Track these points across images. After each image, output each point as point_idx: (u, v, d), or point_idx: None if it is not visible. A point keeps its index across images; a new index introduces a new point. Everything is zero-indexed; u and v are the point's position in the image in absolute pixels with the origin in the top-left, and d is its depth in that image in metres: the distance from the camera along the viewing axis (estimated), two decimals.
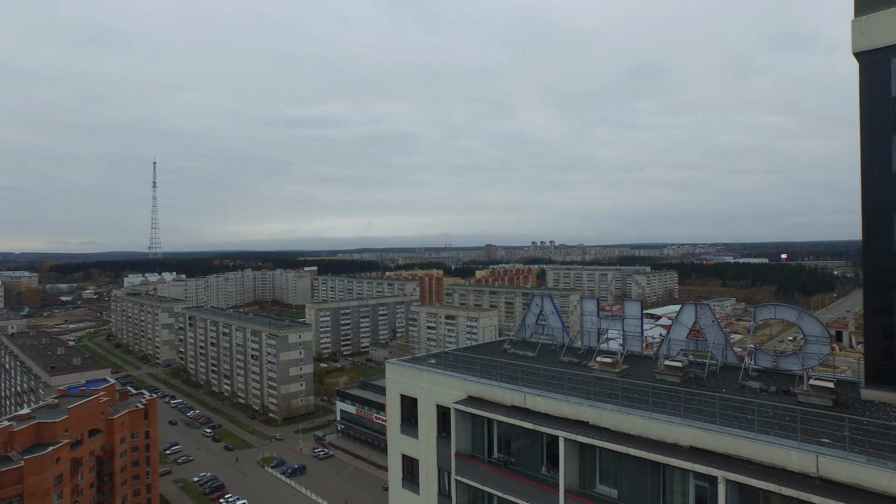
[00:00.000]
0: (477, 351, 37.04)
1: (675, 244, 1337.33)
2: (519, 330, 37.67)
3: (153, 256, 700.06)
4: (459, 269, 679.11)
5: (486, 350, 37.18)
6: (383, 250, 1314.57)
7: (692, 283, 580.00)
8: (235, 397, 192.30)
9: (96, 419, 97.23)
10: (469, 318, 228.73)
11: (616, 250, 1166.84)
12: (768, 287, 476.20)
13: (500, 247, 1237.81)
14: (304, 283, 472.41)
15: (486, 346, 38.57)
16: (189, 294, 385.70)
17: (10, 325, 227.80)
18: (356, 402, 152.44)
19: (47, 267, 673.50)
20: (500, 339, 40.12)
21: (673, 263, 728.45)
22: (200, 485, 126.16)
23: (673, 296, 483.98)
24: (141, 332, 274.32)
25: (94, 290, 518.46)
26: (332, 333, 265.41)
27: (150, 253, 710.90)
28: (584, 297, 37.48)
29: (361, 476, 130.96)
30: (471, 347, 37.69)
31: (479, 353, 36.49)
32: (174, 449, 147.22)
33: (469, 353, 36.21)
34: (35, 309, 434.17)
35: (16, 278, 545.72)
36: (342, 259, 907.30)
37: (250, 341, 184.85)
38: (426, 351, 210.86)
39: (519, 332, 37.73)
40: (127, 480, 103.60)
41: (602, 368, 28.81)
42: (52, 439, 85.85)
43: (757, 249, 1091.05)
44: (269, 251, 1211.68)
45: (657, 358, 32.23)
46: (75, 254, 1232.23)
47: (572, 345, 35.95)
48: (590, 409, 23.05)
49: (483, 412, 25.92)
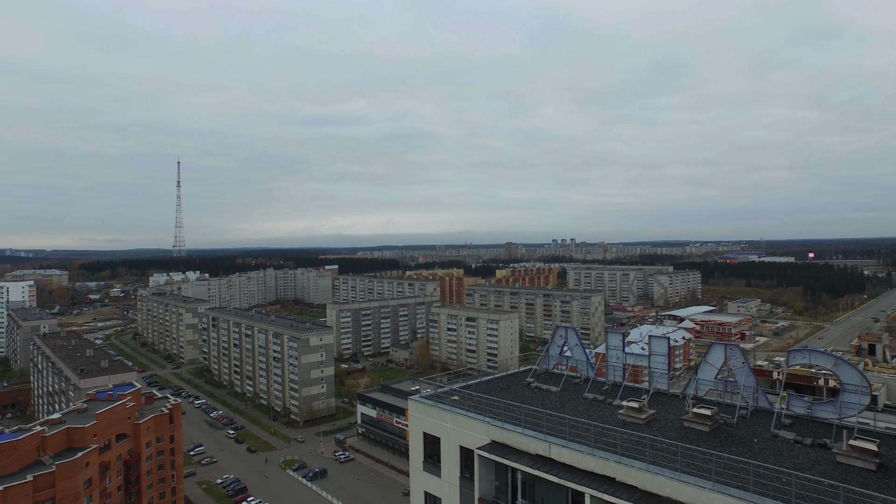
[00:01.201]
0: (500, 384, 36.61)
1: (698, 242, 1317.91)
2: (542, 361, 37.23)
3: (178, 254, 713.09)
4: (480, 267, 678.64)
5: (510, 382, 36.76)
6: (404, 248, 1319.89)
7: (715, 282, 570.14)
8: (257, 398, 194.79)
9: (123, 424, 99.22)
10: (490, 320, 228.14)
11: (637, 248, 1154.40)
12: (795, 288, 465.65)
13: (521, 244, 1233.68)
14: (325, 283, 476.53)
15: (509, 378, 38.11)
16: (212, 293, 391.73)
17: (43, 324, 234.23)
18: (377, 406, 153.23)
19: (76, 265, 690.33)
20: (524, 370, 39.55)
21: (696, 262, 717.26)
22: (223, 487, 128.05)
23: (696, 296, 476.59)
24: (166, 331, 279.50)
25: (120, 289, 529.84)
26: (352, 334, 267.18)
27: (175, 251, 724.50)
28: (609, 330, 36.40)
29: (382, 481, 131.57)
30: (494, 380, 37.22)
31: (502, 385, 36.11)
32: (198, 450, 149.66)
33: (492, 386, 35.88)
34: (65, 307, 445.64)
35: (47, 276, 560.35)
36: (363, 257, 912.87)
37: (272, 343, 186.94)
38: (446, 354, 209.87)
39: (542, 362, 37.28)
40: (153, 483, 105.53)
41: (628, 414, 28.24)
42: (81, 444, 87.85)
43: (782, 247, 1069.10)
44: (290, 248, 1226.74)
45: (684, 398, 31.49)
46: (103, 251, 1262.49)
47: (596, 379, 35.38)
48: (616, 465, 22.57)
49: (507, 461, 25.60)
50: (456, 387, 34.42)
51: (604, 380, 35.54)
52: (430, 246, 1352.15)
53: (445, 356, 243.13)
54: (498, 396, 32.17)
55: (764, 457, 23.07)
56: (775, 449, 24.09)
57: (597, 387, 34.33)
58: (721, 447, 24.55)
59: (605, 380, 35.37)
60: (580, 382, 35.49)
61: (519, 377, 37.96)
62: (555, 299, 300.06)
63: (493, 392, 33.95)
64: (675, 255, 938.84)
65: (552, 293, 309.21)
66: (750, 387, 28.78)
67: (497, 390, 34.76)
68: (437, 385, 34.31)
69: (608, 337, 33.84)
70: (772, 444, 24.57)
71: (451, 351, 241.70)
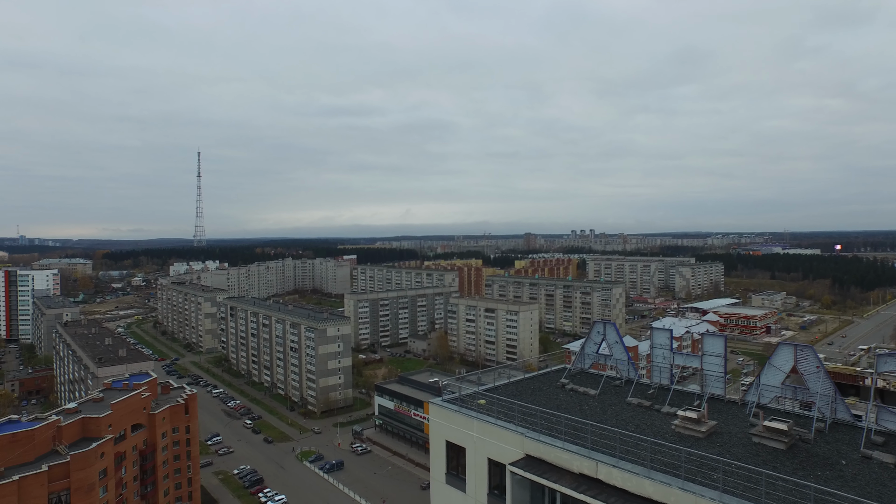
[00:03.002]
0: (531, 385, 32.90)
1: (720, 233, 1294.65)
2: (577, 359, 33.37)
3: (198, 244, 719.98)
4: (498, 258, 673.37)
5: (542, 384, 32.99)
6: (422, 238, 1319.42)
7: (738, 275, 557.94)
8: (275, 388, 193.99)
9: (138, 414, 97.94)
10: (509, 311, 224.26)
11: (658, 239, 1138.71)
12: (822, 281, 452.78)
13: (540, 235, 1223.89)
14: (343, 273, 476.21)
15: (541, 379, 34.35)
16: (231, 283, 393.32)
17: (65, 312, 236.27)
18: (394, 398, 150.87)
19: (100, 254, 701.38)
20: (557, 369, 35.68)
21: (718, 254, 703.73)
22: (240, 478, 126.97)
23: (718, 288, 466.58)
24: (185, 320, 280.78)
25: (142, 278, 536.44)
26: (370, 324, 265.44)
27: (195, 240, 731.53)
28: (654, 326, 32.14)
29: (399, 474, 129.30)
30: (524, 381, 33.49)
31: (533, 387, 32.41)
32: (215, 440, 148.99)
33: (523, 388, 32.18)
34: (89, 295, 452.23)
35: (72, 265, 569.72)
36: (381, 247, 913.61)
37: (289, 333, 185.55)
38: (465, 346, 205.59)
39: (577, 361, 33.43)
40: (169, 474, 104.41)
41: (685, 426, 24.45)
42: (96, 434, 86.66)
43: (807, 239, 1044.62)
44: (309, 238, 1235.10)
45: (745, 405, 27.57)
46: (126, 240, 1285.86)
47: (639, 380, 31.54)
48: (681, 493, 18.87)
49: (546, 481, 22.03)
50: (482, 389, 30.82)
51: (648, 381, 31.66)
52: (448, 236, 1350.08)
53: (464, 347, 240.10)
54: (530, 401, 28.52)
55: (861, 486, 19.16)
56: (872, 476, 20.09)
57: (641, 390, 30.49)
58: (803, 470, 20.69)
59: (649, 382, 31.47)
60: (621, 385, 31.63)
61: (551, 378, 34.16)
62: (575, 290, 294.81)
63: (524, 395, 30.27)
64: (696, 247, 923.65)
65: (572, 284, 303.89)
66: (827, 396, 24.75)
67: (528, 393, 31.05)
68: (459, 384, 30.74)
69: (654, 334, 29.90)
70: (866, 469, 20.56)
71: (470, 342, 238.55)
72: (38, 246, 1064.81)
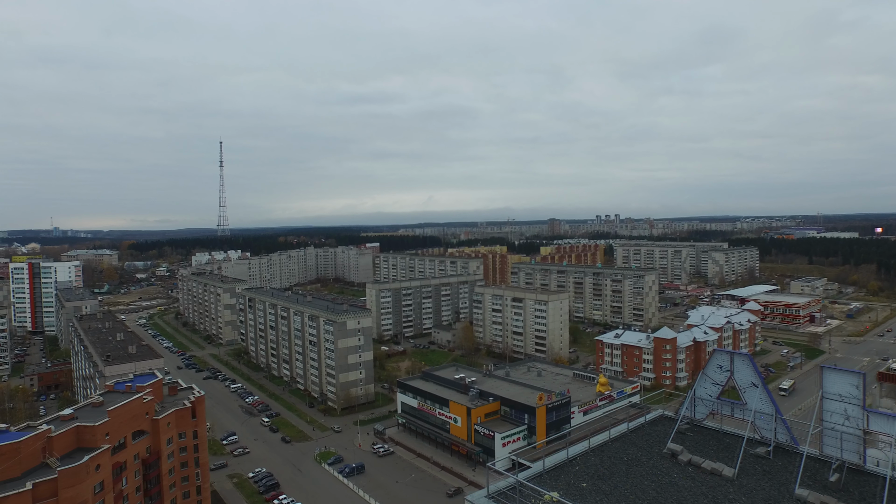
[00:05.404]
0: (617, 450, 21.93)
1: (749, 217, 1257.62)
2: (686, 405, 22.34)
3: (221, 234, 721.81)
4: (523, 244, 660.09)
5: (636, 448, 21.71)
6: (445, 225, 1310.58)
7: (773, 260, 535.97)
8: (294, 383, 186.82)
9: (140, 420, 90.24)
10: (537, 300, 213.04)
11: (685, 224, 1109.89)
12: (866, 266, 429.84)
13: (564, 220, 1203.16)
14: (365, 261, 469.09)
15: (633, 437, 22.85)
16: (253, 272, 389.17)
17: (84, 304, 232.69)
18: (418, 395, 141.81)
19: (126, 245, 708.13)
20: (653, 417, 24.42)
21: (750, 238, 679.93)
22: (255, 482, 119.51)
23: (753, 274, 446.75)
24: (205, 311, 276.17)
25: (166, 268, 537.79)
26: (393, 315, 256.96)
27: (219, 230, 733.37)
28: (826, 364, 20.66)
29: (424, 479, 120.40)
30: (612, 444, 22.15)
31: (629, 457, 21.33)
32: (231, 439, 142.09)
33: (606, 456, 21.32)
34: (114, 286, 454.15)
35: (98, 256, 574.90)
36: (404, 234, 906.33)
37: (308, 326, 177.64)
38: (491, 336, 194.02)
39: (686, 408, 22.40)
40: (175, 482, 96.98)
41: None
42: (92, 444, 79.24)
43: (843, 222, 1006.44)
44: (332, 226, 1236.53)
45: None
46: (153, 231, 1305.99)
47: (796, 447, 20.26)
48: None
49: None
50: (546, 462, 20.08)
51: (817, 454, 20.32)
52: (471, 223, 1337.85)
53: (490, 338, 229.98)
54: (627, 490, 17.78)
55: None
56: None
57: (813, 470, 19.17)
58: None
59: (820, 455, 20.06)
60: (768, 455, 20.34)
61: (648, 436, 22.91)
62: (605, 278, 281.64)
63: (615, 475, 19.41)
64: (725, 231, 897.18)
65: (602, 271, 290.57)
66: None
67: (621, 469, 20.03)
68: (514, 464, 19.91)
69: (827, 377, 18.85)
70: None
71: (497, 333, 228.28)
72: (70, 237, 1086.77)
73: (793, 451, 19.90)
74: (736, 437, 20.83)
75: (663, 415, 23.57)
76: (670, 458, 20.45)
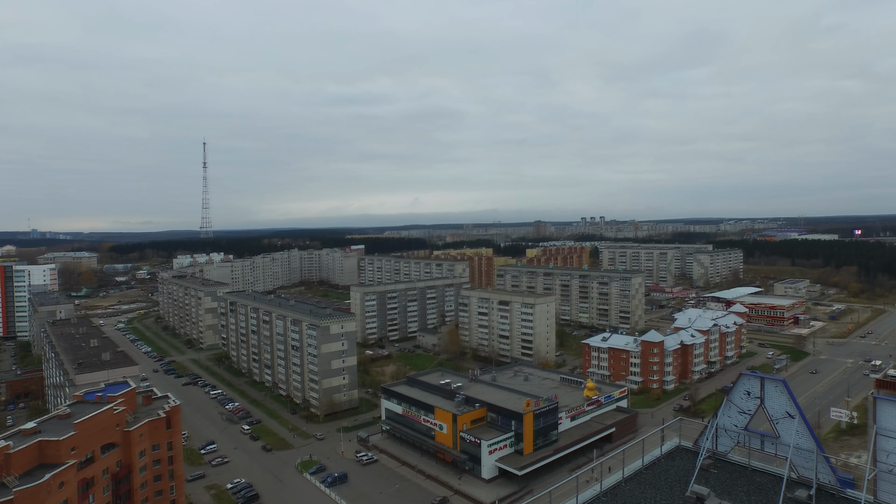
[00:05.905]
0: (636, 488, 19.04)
1: (733, 219, 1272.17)
2: (707, 434, 19.41)
3: (204, 236, 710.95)
4: (509, 247, 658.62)
5: (657, 487, 18.87)
6: (431, 227, 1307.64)
7: (756, 261, 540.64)
8: (276, 389, 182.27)
9: (111, 432, 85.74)
10: (524, 304, 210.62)
11: (669, 226, 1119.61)
12: (847, 268, 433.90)
13: (550, 223, 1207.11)
14: (350, 263, 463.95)
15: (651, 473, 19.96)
16: (235, 275, 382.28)
17: (59, 309, 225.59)
18: (402, 402, 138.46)
19: (106, 247, 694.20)
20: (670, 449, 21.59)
21: (734, 241, 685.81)
22: (234, 493, 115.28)
23: (738, 276, 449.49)
24: (186, 315, 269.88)
25: (147, 271, 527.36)
26: (378, 318, 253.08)
27: (202, 232, 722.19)
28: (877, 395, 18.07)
29: (409, 488, 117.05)
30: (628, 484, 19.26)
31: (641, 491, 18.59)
32: (209, 448, 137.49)
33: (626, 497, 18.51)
34: (92, 290, 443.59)
35: (77, 259, 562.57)
36: (389, 237, 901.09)
37: (290, 331, 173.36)
38: (477, 340, 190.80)
39: (708, 437, 19.43)
40: (148, 497, 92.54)
41: None
42: (56, 460, 74.72)
43: (823, 224, 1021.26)
44: (318, 228, 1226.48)
45: None
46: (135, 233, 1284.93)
47: (843, 490, 17.27)
48: None
49: None
50: None
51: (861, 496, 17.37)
52: (457, 225, 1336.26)
53: (476, 342, 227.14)
54: None
55: None
56: None
57: None
58: None
59: (872, 501, 17.03)
60: (808, 501, 17.11)
61: (667, 474, 19.98)
62: (592, 280, 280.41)
63: None
64: (709, 233, 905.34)
65: (589, 274, 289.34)
66: None
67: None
68: None
69: (881, 407, 16.30)
70: None
71: (483, 336, 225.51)
72: (49, 239, 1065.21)
73: (839, 495, 17.12)
74: (768, 476, 18.13)
75: (679, 446, 20.75)
76: (693, 501, 17.65)
